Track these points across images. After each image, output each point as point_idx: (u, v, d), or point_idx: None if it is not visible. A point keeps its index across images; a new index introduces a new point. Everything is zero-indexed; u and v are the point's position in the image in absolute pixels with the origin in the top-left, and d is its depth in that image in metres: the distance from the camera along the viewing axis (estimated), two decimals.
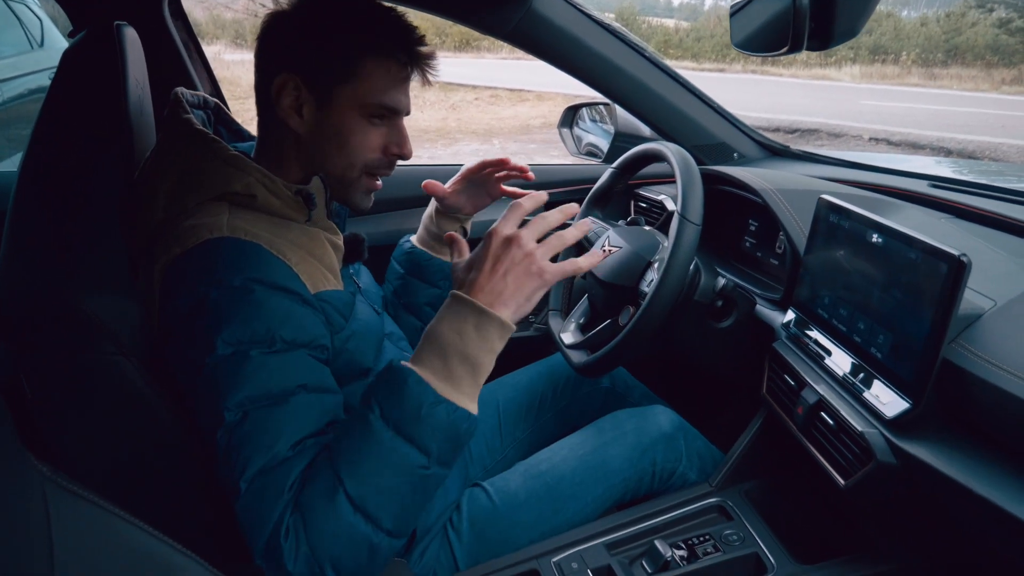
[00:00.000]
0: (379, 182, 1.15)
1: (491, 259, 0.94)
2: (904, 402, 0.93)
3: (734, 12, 1.21)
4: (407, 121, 1.13)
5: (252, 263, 0.95)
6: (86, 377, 0.92)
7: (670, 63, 1.75)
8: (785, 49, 1.00)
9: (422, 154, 8.25)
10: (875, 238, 1.02)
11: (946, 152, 8.98)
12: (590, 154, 2.16)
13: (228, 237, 0.96)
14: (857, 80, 16.85)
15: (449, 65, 15.94)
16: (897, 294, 0.96)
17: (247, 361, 0.89)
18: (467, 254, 1.01)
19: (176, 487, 0.98)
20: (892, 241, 0.98)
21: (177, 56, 1.66)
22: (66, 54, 1.00)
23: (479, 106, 11.49)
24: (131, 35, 1.07)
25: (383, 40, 1.05)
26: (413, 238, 1.52)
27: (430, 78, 1.12)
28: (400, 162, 1.16)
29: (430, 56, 1.10)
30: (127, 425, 0.96)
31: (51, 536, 0.51)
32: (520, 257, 0.93)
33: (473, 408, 0.91)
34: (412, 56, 1.07)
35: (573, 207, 1.01)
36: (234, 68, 10.16)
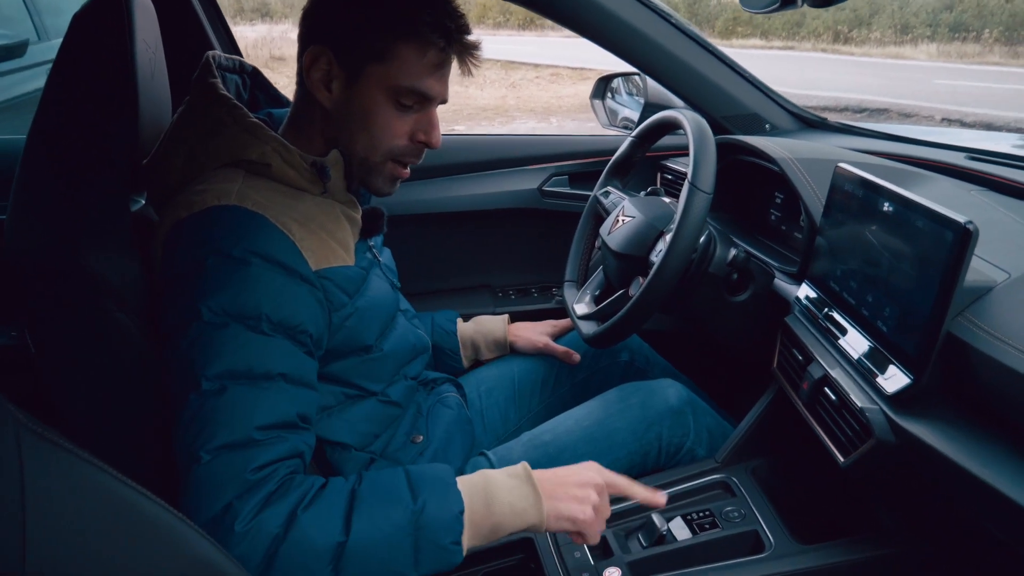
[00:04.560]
0: (407, 171, 1.13)
1: (577, 477, 0.99)
2: (906, 377, 0.89)
3: None
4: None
5: (253, 234, 0.95)
6: (86, 331, 0.95)
7: (739, 41, 1.70)
8: (778, 4, 0.96)
9: (478, 132, 8.24)
10: (886, 207, 0.97)
11: None
12: (625, 128, 2.12)
13: (234, 205, 0.96)
14: (934, 58, 16.18)
15: (512, 43, 15.81)
16: (905, 265, 0.92)
17: (231, 334, 0.90)
18: None
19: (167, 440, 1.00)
20: (901, 209, 0.94)
21: (196, 23, 1.68)
22: (75, 18, 1.02)
23: (540, 84, 11.39)
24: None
25: (423, 24, 1.01)
26: (460, 324, 1.58)
27: (472, 69, 1.09)
28: None
29: (474, 46, 1.06)
30: (126, 379, 0.98)
31: (23, 482, 0.51)
32: (587, 498, 0.97)
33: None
34: (452, 43, 1.04)
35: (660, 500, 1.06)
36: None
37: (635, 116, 2.07)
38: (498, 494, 0.94)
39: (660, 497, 1.05)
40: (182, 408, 0.88)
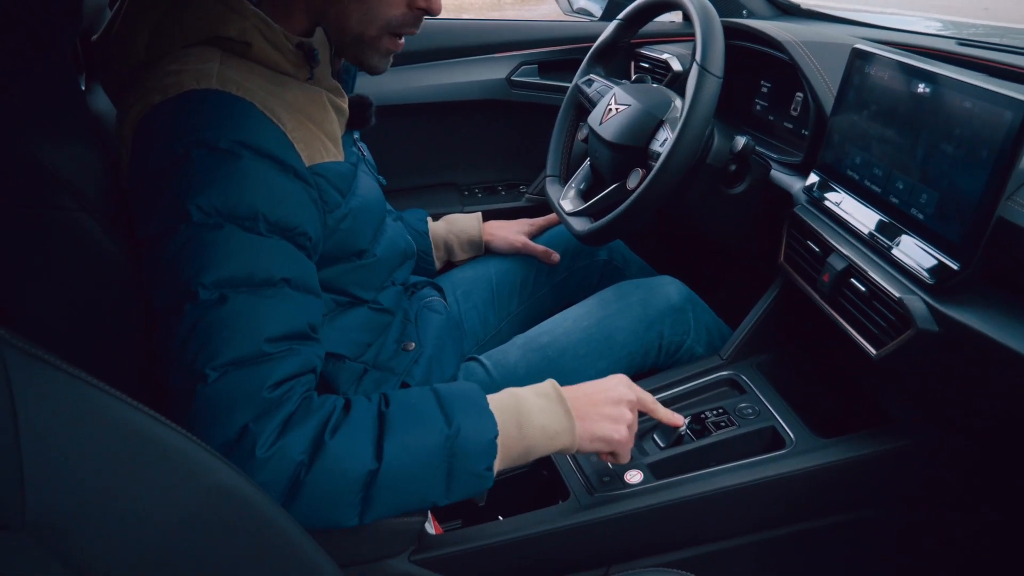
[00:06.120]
0: (402, 41, 1.00)
1: (611, 394, 0.94)
2: (951, 264, 0.85)
3: None
4: None
5: (242, 124, 0.83)
6: (44, 234, 0.82)
7: None
8: None
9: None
10: (921, 88, 0.92)
11: None
12: (586, 16, 2.01)
13: (217, 90, 0.83)
14: None
15: None
16: (947, 148, 0.87)
17: (227, 236, 0.79)
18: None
19: (142, 355, 0.89)
20: (943, 90, 0.89)
21: None
22: None
23: None
24: None
25: None
26: (431, 223, 1.48)
27: None
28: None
29: None
30: (90, 287, 0.85)
31: (14, 405, 0.43)
32: (621, 417, 0.93)
33: None
34: None
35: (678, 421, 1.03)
36: None
37: (592, 8, 1.97)
38: (530, 416, 0.88)
39: (680, 419, 1.02)
40: (176, 322, 0.77)
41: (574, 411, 0.91)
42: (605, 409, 0.92)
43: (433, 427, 0.82)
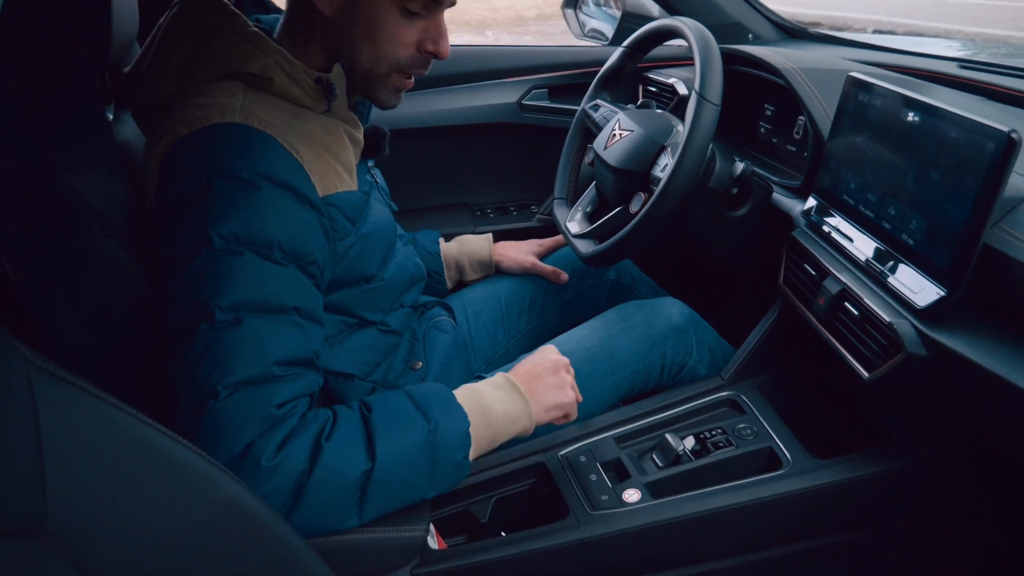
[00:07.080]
0: (411, 80, 1.05)
1: (547, 365, 1.04)
2: (939, 290, 0.88)
3: None
4: None
5: (263, 156, 0.88)
6: (72, 260, 0.86)
7: None
8: None
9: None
10: (911, 117, 0.94)
11: None
12: (595, 39, 2.05)
13: (240, 123, 0.88)
14: None
15: None
16: (935, 176, 0.90)
17: (245, 262, 0.84)
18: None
19: (160, 373, 0.93)
20: (931, 119, 0.91)
21: None
22: None
23: None
24: None
25: None
26: (443, 244, 1.52)
27: None
28: None
29: None
30: (115, 311, 0.90)
31: (38, 422, 0.47)
32: (563, 382, 1.04)
33: None
34: None
35: None
36: None
37: (605, 28, 2.00)
38: (491, 405, 0.96)
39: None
40: (190, 340, 0.82)
41: (526, 391, 0.99)
42: (548, 379, 1.02)
43: (415, 424, 0.89)
